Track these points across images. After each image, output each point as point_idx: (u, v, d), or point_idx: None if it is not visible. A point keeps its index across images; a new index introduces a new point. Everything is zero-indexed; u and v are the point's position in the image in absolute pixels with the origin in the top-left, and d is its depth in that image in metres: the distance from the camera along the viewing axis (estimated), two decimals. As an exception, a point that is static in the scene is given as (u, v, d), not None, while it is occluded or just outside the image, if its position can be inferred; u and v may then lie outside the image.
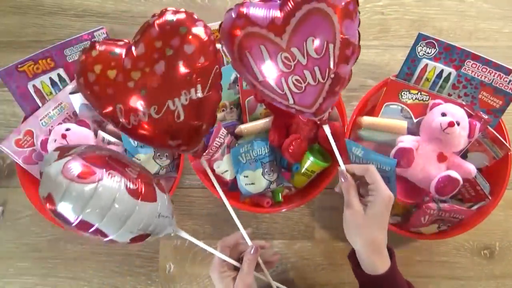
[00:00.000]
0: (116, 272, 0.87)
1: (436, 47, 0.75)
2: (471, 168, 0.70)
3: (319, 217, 0.88)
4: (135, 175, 0.51)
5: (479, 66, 0.74)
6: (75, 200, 0.46)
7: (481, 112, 0.73)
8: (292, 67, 0.52)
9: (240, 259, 0.62)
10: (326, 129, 0.61)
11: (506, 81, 0.73)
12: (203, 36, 0.51)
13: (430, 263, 0.86)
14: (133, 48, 0.50)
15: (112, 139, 0.78)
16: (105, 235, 0.49)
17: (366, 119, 0.77)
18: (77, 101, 0.79)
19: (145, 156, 0.78)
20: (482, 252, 0.86)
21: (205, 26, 0.52)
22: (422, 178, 0.70)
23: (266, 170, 0.76)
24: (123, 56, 0.50)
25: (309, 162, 0.75)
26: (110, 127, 0.80)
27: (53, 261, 0.87)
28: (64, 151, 0.50)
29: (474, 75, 0.74)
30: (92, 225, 0.47)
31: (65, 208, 0.46)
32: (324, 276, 0.86)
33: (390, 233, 0.76)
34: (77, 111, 0.80)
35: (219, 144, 0.76)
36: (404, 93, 0.76)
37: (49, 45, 0.76)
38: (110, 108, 0.52)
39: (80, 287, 0.86)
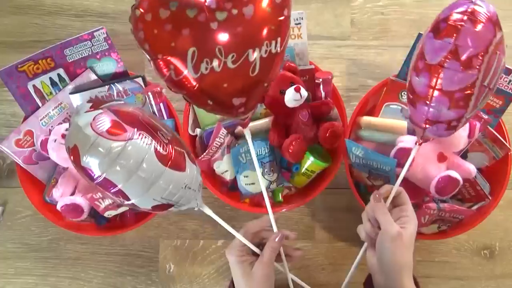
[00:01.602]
0: (116, 272, 0.87)
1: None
2: (471, 168, 0.70)
3: (319, 217, 0.88)
4: (166, 141, 0.48)
5: (479, 66, 0.74)
6: (101, 156, 0.44)
7: (481, 112, 0.73)
8: None
9: (261, 246, 0.60)
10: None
11: (506, 81, 0.73)
12: None
13: (430, 263, 0.86)
14: None
15: (112, 139, 0.78)
16: (127, 198, 0.47)
17: (366, 119, 0.77)
18: (77, 101, 0.78)
19: (145, 156, 0.78)
20: (482, 252, 0.86)
21: None
22: (422, 178, 0.70)
23: (266, 170, 0.76)
24: None
25: (309, 162, 0.75)
26: (110, 127, 0.80)
27: (53, 261, 0.87)
28: (97, 104, 0.47)
29: (474, 75, 0.74)
30: (115, 185, 0.45)
31: (89, 163, 0.44)
32: (324, 276, 0.86)
33: (390, 233, 0.76)
34: (77, 111, 0.80)
35: (219, 144, 0.76)
36: (404, 93, 0.76)
37: (49, 45, 0.76)
38: (177, 52, 0.45)
39: (80, 287, 0.86)
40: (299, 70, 0.76)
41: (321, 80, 0.76)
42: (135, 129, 0.46)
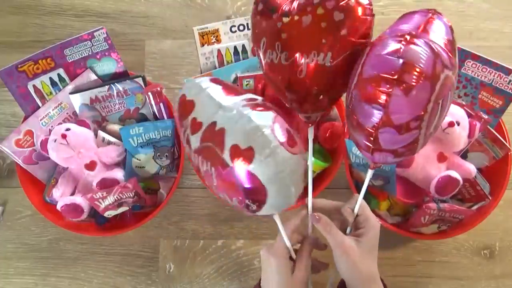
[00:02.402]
0: (116, 272, 0.87)
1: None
2: (471, 168, 0.70)
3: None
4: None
5: (479, 66, 0.74)
6: (275, 166, 0.43)
7: (481, 112, 0.73)
8: None
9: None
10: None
11: (506, 81, 0.73)
12: (367, 17, 0.49)
13: (430, 263, 0.86)
14: None
15: (112, 139, 0.78)
16: (264, 203, 0.47)
17: (366, 119, 0.77)
18: (77, 101, 0.79)
19: (145, 156, 0.78)
20: (482, 252, 0.86)
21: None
22: (422, 178, 0.70)
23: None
24: None
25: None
26: (110, 127, 0.80)
27: (53, 261, 0.87)
28: (252, 100, 0.49)
29: (474, 75, 0.74)
30: (265, 194, 0.45)
31: (258, 169, 0.43)
32: (324, 276, 0.86)
33: (390, 233, 0.76)
34: (77, 111, 0.80)
35: (219, 144, 0.76)
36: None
37: (49, 45, 0.76)
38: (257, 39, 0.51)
39: (80, 287, 0.86)
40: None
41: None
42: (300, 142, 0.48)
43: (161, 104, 0.79)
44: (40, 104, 0.78)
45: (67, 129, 0.74)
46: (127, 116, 0.82)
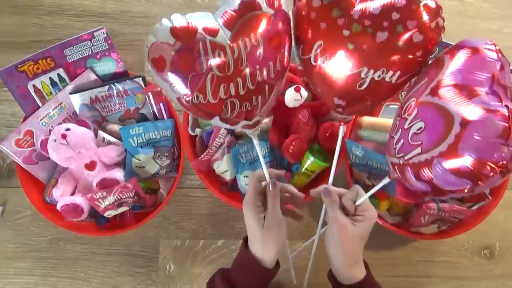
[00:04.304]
0: (116, 272, 0.87)
1: (436, 47, 0.74)
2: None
3: (319, 217, 0.87)
4: None
5: (479, 66, 0.74)
6: None
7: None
8: None
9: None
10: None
11: (506, 81, 0.73)
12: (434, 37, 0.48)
13: (430, 263, 0.86)
14: (369, 3, 0.46)
15: (112, 139, 0.78)
16: None
17: (366, 119, 0.77)
18: (77, 101, 0.79)
19: (145, 156, 0.78)
20: (482, 252, 0.86)
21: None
22: (422, 178, 0.70)
23: (266, 170, 0.76)
24: (356, 4, 0.47)
25: (309, 162, 0.75)
26: (110, 127, 0.80)
27: (53, 261, 0.87)
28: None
29: (474, 75, 0.74)
30: None
31: None
32: (324, 276, 0.86)
33: (390, 233, 0.76)
34: (77, 111, 0.80)
35: (219, 144, 0.76)
36: (404, 93, 0.76)
37: (49, 45, 0.76)
38: (306, 39, 0.50)
39: (80, 287, 0.86)
40: (299, 70, 0.76)
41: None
42: None
43: (161, 104, 0.79)
44: (40, 104, 0.78)
45: (67, 129, 0.74)
46: (127, 116, 0.82)
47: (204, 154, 0.76)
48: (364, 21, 0.46)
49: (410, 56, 0.47)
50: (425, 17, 0.46)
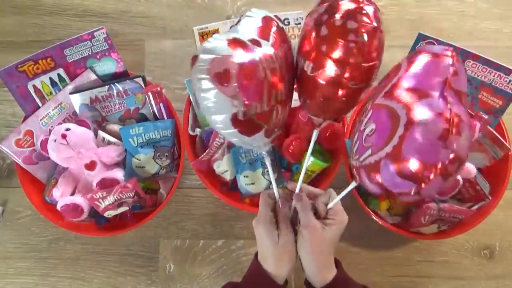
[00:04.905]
0: (116, 272, 0.87)
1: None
2: (471, 168, 0.70)
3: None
4: None
5: (479, 66, 0.74)
6: None
7: (481, 112, 0.73)
8: None
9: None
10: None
11: (506, 81, 0.73)
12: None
13: (430, 263, 0.86)
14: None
15: (112, 139, 0.78)
16: None
17: (366, 119, 0.77)
18: (77, 101, 0.78)
19: (145, 156, 0.78)
20: (482, 252, 0.86)
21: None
22: (422, 178, 0.70)
23: (266, 170, 0.76)
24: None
25: (309, 162, 0.75)
26: (110, 127, 0.80)
27: (53, 261, 0.87)
28: None
29: (474, 75, 0.74)
30: None
31: None
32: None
33: (390, 233, 0.76)
34: (77, 111, 0.80)
35: (219, 144, 0.76)
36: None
37: (49, 45, 0.76)
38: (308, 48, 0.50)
39: (80, 287, 0.86)
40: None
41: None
42: None
43: (161, 104, 0.79)
44: (40, 104, 0.78)
45: (67, 129, 0.74)
46: (127, 116, 0.82)
47: (204, 154, 0.76)
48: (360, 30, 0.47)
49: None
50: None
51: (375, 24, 0.46)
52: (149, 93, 0.78)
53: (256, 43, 0.49)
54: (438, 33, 0.93)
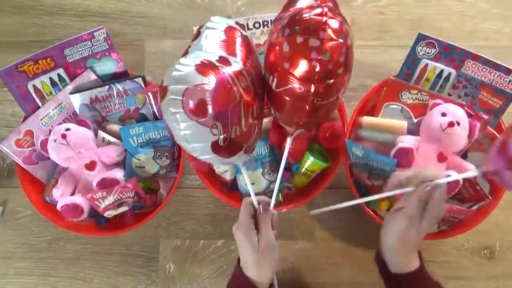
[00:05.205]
0: (116, 272, 0.87)
1: (436, 47, 0.75)
2: (471, 168, 0.70)
3: (319, 217, 0.88)
4: None
5: (479, 66, 0.74)
6: None
7: (481, 112, 0.73)
8: None
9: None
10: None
11: (506, 81, 0.73)
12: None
13: (430, 263, 0.86)
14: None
15: (112, 139, 0.78)
16: None
17: (366, 119, 0.77)
18: (77, 101, 0.79)
19: (145, 156, 0.78)
20: (482, 252, 0.86)
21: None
22: (422, 178, 0.70)
23: (266, 170, 0.76)
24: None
25: (309, 162, 0.75)
26: (110, 127, 0.80)
27: (53, 261, 0.87)
28: None
29: (474, 75, 0.74)
30: None
31: None
32: (324, 276, 0.86)
33: (390, 233, 0.76)
34: (77, 111, 0.80)
35: (219, 144, 0.76)
36: (404, 93, 0.76)
37: (49, 45, 0.76)
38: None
39: (80, 287, 0.86)
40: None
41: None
42: None
43: (161, 104, 0.79)
44: (40, 104, 0.78)
45: (67, 129, 0.74)
46: (127, 116, 0.82)
47: (204, 154, 0.76)
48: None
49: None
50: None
51: (340, 40, 0.45)
52: (149, 93, 0.78)
53: (225, 62, 0.47)
54: (438, 33, 0.93)
